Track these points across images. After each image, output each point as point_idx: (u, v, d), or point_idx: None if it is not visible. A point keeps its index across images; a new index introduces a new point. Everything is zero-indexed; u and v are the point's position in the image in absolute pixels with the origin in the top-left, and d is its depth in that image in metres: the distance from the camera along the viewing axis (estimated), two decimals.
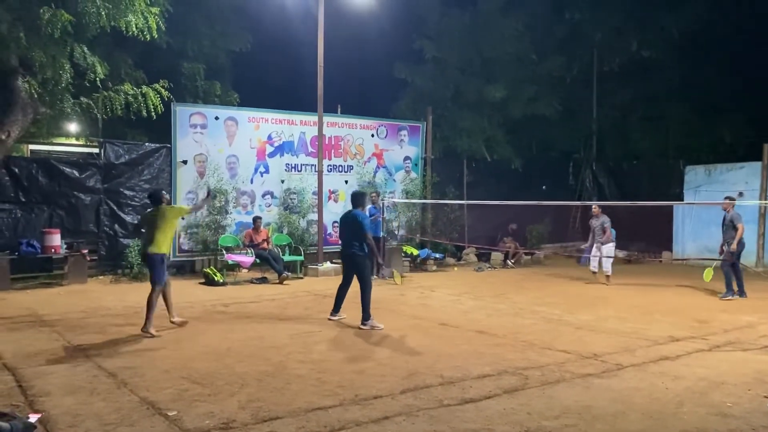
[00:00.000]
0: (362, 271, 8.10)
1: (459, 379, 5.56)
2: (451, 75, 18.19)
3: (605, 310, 9.37)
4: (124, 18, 10.15)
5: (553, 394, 5.19)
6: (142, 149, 12.74)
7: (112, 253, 12.23)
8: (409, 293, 10.93)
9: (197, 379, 5.52)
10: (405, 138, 15.96)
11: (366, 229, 8.00)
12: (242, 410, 4.71)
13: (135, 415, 4.63)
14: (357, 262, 8.12)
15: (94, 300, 9.81)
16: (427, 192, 15.94)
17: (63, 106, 10.60)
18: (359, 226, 8.01)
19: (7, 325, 7.82)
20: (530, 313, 9.03)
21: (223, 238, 12.86)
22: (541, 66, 18.66)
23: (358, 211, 8.18)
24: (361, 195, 8.43)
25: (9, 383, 5.38)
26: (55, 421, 4.46)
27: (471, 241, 16.20)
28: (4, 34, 9.40)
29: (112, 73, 11.42)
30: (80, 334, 7.34)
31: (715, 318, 8.75)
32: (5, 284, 10.61)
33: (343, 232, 8.35)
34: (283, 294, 10.78)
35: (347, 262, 8.32)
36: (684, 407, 4.90)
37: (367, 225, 8.07)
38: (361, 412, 4.71)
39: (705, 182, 15.97)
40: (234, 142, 13.51)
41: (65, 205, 11.94)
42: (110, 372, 5.75)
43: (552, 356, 6.46)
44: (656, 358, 6.40)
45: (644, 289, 11.68)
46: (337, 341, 7.19)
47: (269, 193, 13.99)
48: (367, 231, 8.01)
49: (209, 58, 15.49)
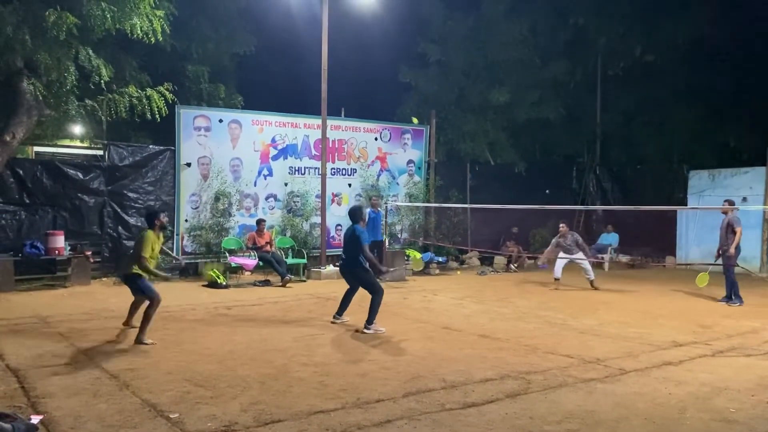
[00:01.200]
0: (367, 282, 8.11)
1: (461, 383, 5.55)
2: (455, 78, 18.20)
3: (608, 314, 9.35)
4: (129, 21, 10.19)
5: (555, 399, 5.17)
6: (146, 151, 12.78)
7: (116, 254, 12.24)
8: (412, 297, 10.92)
9: (199, 382, 5.52)
10: (408, 141, 15.97)
11: (363, 242, 7.97)
12: (244, 413, 4.71)
13: (137, 417, 4.63)
14: (359, 276, 8.14)
15: (97, 302, 9.83)
16: (431, 195, 15.95)
17: (68, 108, 10.63)
18: (356, 241, 8.01)
19: (11, 327, 7.83)
20: (533, 318, 9.01)
21: (227, 241, 12.87)
22: (545, 70, 18.64)
23: (357, 226, 8.17)
24: (356, 210, 8.37)
25: (12, 385, 5.39)
26: (57, 422, 4.47)
27: (474, 244, 16.19)
28: (9, 37, 9.44)
29: (116, 76, 11.46)
30: (83, 336, 7.35)
31: (719, 323, 8.72)
32: (9, 286, 10.64)
33: (345, 247, 8.36)
34: (286, 297, 10.79)
35: (350, 277, 8.32)
36: (687, 413, 4.89)
37: (364, 239, 8.03)
38: (363, 415, 4.70)
39: (709, 187, 15.95)
40: (238, 145, 13.54)
41: (69, 206, 11.97)
42: (113, 374, 5.76)
43: (555, 361, 6.45)
44: (659, 363, 6.39)
45: (648, 294, 11.65)
46: (340, 344, 7.18)
47: (273, 196, 14.01)
48: (363, 244, 7.97)
49: (213, 61, 15.52)
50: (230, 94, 15.78)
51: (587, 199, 19.03)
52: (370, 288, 8.04)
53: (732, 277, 10.36)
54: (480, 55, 18.17)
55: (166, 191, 12.85)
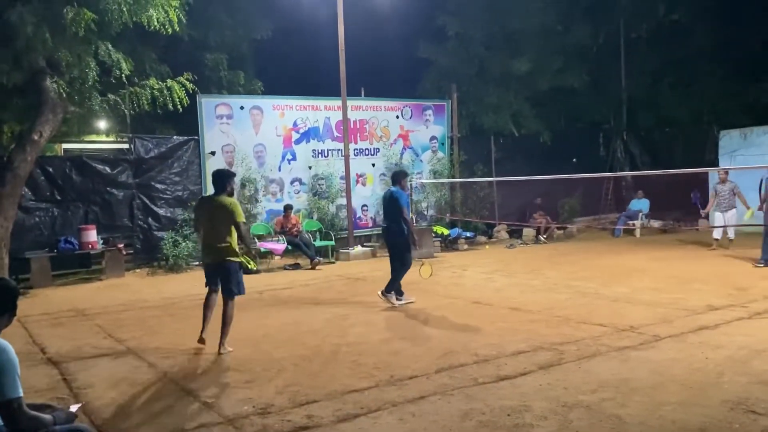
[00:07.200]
0: (399, 251, 8.16)
1: (494, 357, 5.55)
2: (475, 51, 17.93)
3: (641, 281, 9.23)
4: (146, 13, 10.21)
5: (589, 369, 5.14)
6: (171, 142, 12.90)
7: (147, 246, 12.45)
8: (442, 273, 10.91)
9: (235, 366, 5.61)
10: (430, 118, 15.85)
11: (401, 204, 8.05)
12: (279, 395, 4.78)
13: (176, 404, 4.73)
14: (393, 242, 8.23)
15: (132, 293, 10.02)
16: (455, 171, 15.84)
17: (91, 103, 10.73)
18: (395, 203, 8.08)
19: (50, 321, 8.04)
20: (564, 288, 8.94)
21: (255, 227, 12.98)
22: (567, 36, 18.25)
23: (395, 188, 8.23)
24: (396, 173, 8.52)
25: (54, 377, 5.54)
26: (99, 412, 4.59)
27: (502, 218, 16.08)
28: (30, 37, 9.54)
29: (137, 69, 11.51)
30: (120, 327, 7.51)
31: (755, 285, 8.54)
32: (47, 281, 10.90)
33: (384, 211, 8.49)
34: (316, 279, 10.86)
35: (386, 241, 8.49)
36: (725, 377, 4.82)
37: (403, 201, 8.10)
38: (397, 392, 4.73)
39: (741, 146, 15.52)
40: (260, 131, 13.59)
41: (99, 201, 12.17)
42: (150, 363, 5.88)
43: (587, 330, 6.40)
44: (695, 328, 6.29)
45: (681, 259, 11.45)
46: (372, 324, 7.22)
47: (297, 180, 14.06)
48: (403, 207, 8.05)
49: (231, 48, 15.52)
50: (250, 80, 15.79)
51: (615, 165, 18.71)
52: (400, 256, 8.08)
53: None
54: (499, 25, 17.82)
55: (192, 181, 12.98)
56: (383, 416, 4.29)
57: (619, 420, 4.07)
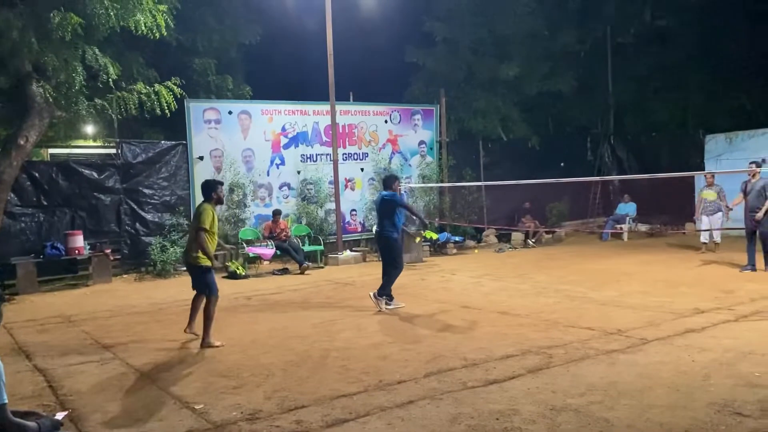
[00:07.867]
0: (391, 253, 8.26)
1: (482, 361, 5.56)
2: (463, 56, 17.98)
3: (629, 285, 9.29)
4: (133, 17, 10.18)
5: (577, 372, 5.16)
6: (159, 147, 12.84)
7: (135, 251, 12.37)
8: (431, 277, 10.92)
9: (223, 372, 5.58)
10: (419, 122, 15.88)
11: (398, 202, 8.28)
12: (268, 401, 4.76)
13: (163, 410, 4.69)
14: (385, 245, 8.33)
15: (119, 299, 9.94)
16: (444, 175, 15.87)
17: (78, 108, 10.68)
18: (388, 205, 8.22)
19: (36, 327, 7.96)
20: (553, 292, 8.98)
21: (243, 232, 12.94)
22: (554, 41, 18.37)
23: (385, 192, 8.35)
24: (387, 177, 8.70)
25: (40, 384, 5.48)
26: (86, 418, 4.55)
27: (490, 222, 16.13)
28: (16, 41, 9.48)
29: (124, 73, 11.47)
30: (107, 333, 7.45)
31: (741, 288, 8.63)
32: (33, 287, 10.78)
33: (377, 215, 8.62)
34: (304, 284, 10.84)
35: (379, 244, 8.69)
36: (711, 379, 4.85)
37: (398, 200, 8.32)
38: (386, 397, 4.73)
39: (726, 151, 15.69)
40: (248, 136, 13.56)
41: (86, 206, 12.07)
42: (138, 368, 5.84)
43: (576, 334, 6.42)
44: (682, 331, 6.34)
45: (668, 263, 11.55)
46: (361, 328, 7.21)
47: (286, 185, 14.04)
48: (399, 203, 8.32)
49: (220, 53, 15.49)
50: (238, 85, 15.75)
51: (603, 169, 18.84)
52: (392, 260, 8.13)
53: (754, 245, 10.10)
54: (487, 30, 17.91)
55: (180, 186, 12.92)
56: (372, 421, 4.28)
57: (607, 423, 4.08)
